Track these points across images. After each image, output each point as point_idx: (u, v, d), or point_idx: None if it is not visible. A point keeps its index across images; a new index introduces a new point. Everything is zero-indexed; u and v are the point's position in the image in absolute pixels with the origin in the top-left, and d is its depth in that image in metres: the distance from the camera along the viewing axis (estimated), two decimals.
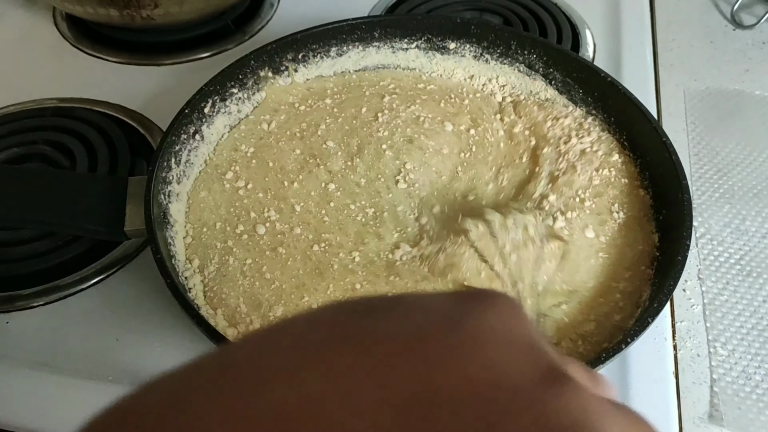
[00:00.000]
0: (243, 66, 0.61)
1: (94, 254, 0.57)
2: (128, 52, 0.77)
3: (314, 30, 0.64)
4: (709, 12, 0.84)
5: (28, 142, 0.66)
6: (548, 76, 0.63)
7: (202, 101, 0.58)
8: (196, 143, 0.58)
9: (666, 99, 0.72)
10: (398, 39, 0.66)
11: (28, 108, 0.70)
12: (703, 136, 0.68)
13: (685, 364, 0.52)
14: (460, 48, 0.65)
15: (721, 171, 0.65)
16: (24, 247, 0.57)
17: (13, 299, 0.55)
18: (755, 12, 0.82)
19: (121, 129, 0.67)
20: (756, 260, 0.58)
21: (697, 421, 0.49)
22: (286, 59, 0.64)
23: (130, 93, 0.72)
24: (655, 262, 0.50)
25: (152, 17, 0.71)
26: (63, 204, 0.51)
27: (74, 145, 0.65)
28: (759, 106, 0.71)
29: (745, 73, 0.75)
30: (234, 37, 0.79)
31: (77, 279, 0.55)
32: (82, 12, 0.73)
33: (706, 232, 0.60)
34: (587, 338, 0.46)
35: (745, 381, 0.51)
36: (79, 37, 0.79)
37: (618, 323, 0.47)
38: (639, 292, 0.49)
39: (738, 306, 0.55)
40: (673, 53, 0.78)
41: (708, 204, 0.62)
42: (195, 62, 0.76)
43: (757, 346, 0.52)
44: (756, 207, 0.62)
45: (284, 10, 0.84)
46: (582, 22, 0.80)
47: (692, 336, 0.53)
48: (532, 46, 0.63)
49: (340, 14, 0.68)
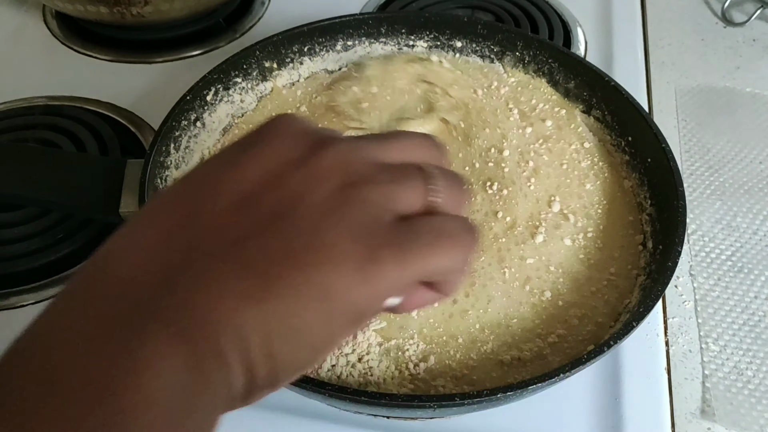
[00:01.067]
0: (248, 56, 0.61)
1: (85, 252, 0.57)
2: (119, 50, 0.77)
3: (322, 23, 0.64)
4: (700, 9, 0.84)
5: (17, 140, 0.65)
6: (553, 78, 0.63)
7: (205, 88, 0.58)
8: (197, 130, 0.58)
9: (657, 96, 0.72)
10: (405, 35, 0.66)
11: (17, 106, 0.70)
12: (695, 133, 0.68)
13: (677, 360, 0.52)
14: (467, 47, 0.66)
15: (713, 168, 0.65)
16: (14, 245, 0.57)
17: (5, 297, 0.54)
18: (745, 9, 0.82)
19: (112, 127, 0.67)
20: (747, 256, 0.58)
21: (689, 417, 0.49)
22: (292, 51, 0.64)
23: (120, 91, 0.71)
24: (646, 265, 0.50)
25: (142, 14, 0.71)
26: (61, 183, 0.52)
27: (64, 143, 0.64)
28: (750, 103, 0.71)
29: (735, 70, 0.76)
30: (225, 35, 0.79)
31: (70, 275, 0.55)
32: (72, 10, 0.72)
33: (698, 229, 0.60)
34: (568, 336, 0.46)
35: (736, 376, 0.51)
36: (69, 35, 0.79)
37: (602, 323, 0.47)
38: (626, 296, 0.49)
39: (729, 302, 0.55)
40: (665, 51, 0.78)
41: (699, 201, 0.62)
42: (186, 60, 0.76)
43: (748, 342, 0.52)
44: (747, 203, 0.62)
45: (275, 8, 0.84)
46: (573, 19, 0.80)
47: (684, 332, 0.53)
48: (539, 48, 0.63)
49: (331, 12, 0.67)
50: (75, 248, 0.57)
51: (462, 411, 0.43)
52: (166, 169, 0.53)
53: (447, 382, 0.44)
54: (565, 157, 0.57)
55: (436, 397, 0.39)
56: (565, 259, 0.50)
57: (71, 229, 0.58)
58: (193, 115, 0.57)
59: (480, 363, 0.45)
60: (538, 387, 0.39)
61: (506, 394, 0.38)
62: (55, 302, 0.24)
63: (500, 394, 0.38)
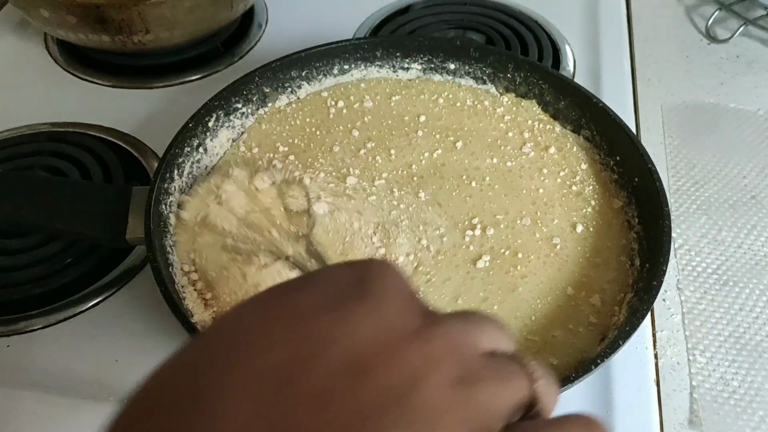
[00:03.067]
0: (248, 82, 0.63)
1: (94, 276, 0.58)
2: (120, 76, 0.78)
3: (319, 48, 0.66)
4: (685, 27, 0.86)
5: (23, 167, 0.67)
6: (543, 99, 0.65)
7: (207, 115, 0.60)
8: (199, 156, 0.60)
9: (644, 113, 0.74)
10: (399, 58, 0.68)
11: (21, 133, 0.71)
12: (680, 149, 0.70)
13: (666, 372, 0.54)
14: (460, 69, 0.68)
15: (698, 183, 0.67)
16: (24, 271, 0.59)
17: (14, 322, 0.56)
18: (729, 26, 0.85)
19: (115, 152, 0.68)
20: (732, 269, 0.60)
21: (678, 427, 0.51)
22: (290, 76, 0.66)
23: (122, 116, 0.73)
24: (634, 283, 0.52)
25: (143, 42, 0.73)
26: (68, 210, 0.54)
27: (69, 169, 0.66)
28: (734, 119, 0.74)
29: (720, 86, 0.78)
30: (224, 59, 0.81)
31: (78, 299, 0.57)
32: (75, 38, 0.74)
33: (684, 243, 0.62)
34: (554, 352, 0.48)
35: (723, 387, 0.53)
36: (71, 62, 0.81)
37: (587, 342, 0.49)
38: (612, 312, 0.51)
39: (716, 314, 0.57)
40: (651, 68, 0.80)
41: (686, 216, 0.64)
42: (186, 84, 0.78)
43: (734, 353, 0.54)
44: (732, 218, 0.64)
45: (272, 32, 0.86)
46: (562, 38, 0.82)
47: (672, 345, 0.55)
48: (530, 70, 0.65)
49: (327, 35, 0.70)
50: (82, 273, 0.58)
51: None
52: (170, 195, 0.55)
53: None
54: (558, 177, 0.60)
55: None
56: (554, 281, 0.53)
57: (79, 255, 0.59)
58: (196, 142, 0.59)
59: None
60: None
61: None
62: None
63: None
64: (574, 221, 0.56)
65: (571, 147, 0.62)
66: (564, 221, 0.57)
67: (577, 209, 0.58)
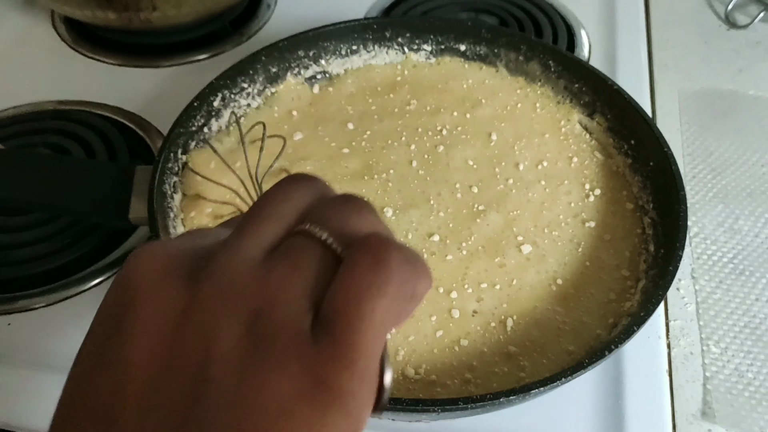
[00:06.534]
0: (254, 62, 0.62)
1: (95, 255, 0.58)
2: (126, 54, 0.77)
3: (327, 28, 0.65)
4: (704, 12, 0.84)
5: (27, 145, 0.66)
6: (556, 81, 0.64)
7: (212, 94, 0.59)
8: (204, 136, 0.58)
9: (660, 99, 0.73)
10: (409, 39, 0.67)
11: (26, 111, 0.71)
12: (697, 135, 0.69)
13: (679, 362, 0.52)
14: (470, 50, 0.66)
15: (715, 170, 0.65)
16: (26, 249, 0.58)
17: (15, 300, 0.55)
18: (749, 12, 0.82)
19: (120, 131, 0.67)
20: (749, 259, 0.58)
21: (691, 419, 0.49)
22: (298, 56, 0.64)
23: (128, 95, 0.72)
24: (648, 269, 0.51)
25: (150, 20, 0.72)
26: (72, 188, 0.53)
27: (73, 147, 0.65)
28: (752, 106, 0.72)
29: (738, 72, 0.76)
30: (231, 39, 0.80)
31: (79, 279, 0.56)
32: (81, 15, 0.73)
33: (700, 232, 0.60)
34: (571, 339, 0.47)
35: (737, 378, 0.51)
36: (78, 40, 0.80)
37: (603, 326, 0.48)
38: (625, 299, 0.50)
39: (731, 304, 0.56)
40: (668, 53, 0.78)
41: (702, 203, 0.62)
42: (193, 64, 0.77)
43: (749, 344, 0.53)
44: (749, 206, 0.62)
45: (281, 12, 0.84)
46: (577, 22, 0.81)
47: (686, 334, 0.54)
48: (543, 52, 0.64)
49: (336, 15, 0.68)
50: (85, 252, 0.58)
51: (465, 414, 0.44)
52: (174, 175, 0.54)
53: (453, 382, 0.45)
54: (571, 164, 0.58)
55: (440, 401, 0.40)
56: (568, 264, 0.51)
57: (79, 234, 0.59)
58: (201, 121, 0.58)
59: (481, 364, 0.46)
60: (541, 391, 0.39)
61: (509, 398, 0.39)
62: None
63: (503, 398, 0.39)
64: (583, 204, 0.55)
65: (581, 132, 0.61)
66: (575, 205, 0.55)
67: (586, 195, 0.56)
